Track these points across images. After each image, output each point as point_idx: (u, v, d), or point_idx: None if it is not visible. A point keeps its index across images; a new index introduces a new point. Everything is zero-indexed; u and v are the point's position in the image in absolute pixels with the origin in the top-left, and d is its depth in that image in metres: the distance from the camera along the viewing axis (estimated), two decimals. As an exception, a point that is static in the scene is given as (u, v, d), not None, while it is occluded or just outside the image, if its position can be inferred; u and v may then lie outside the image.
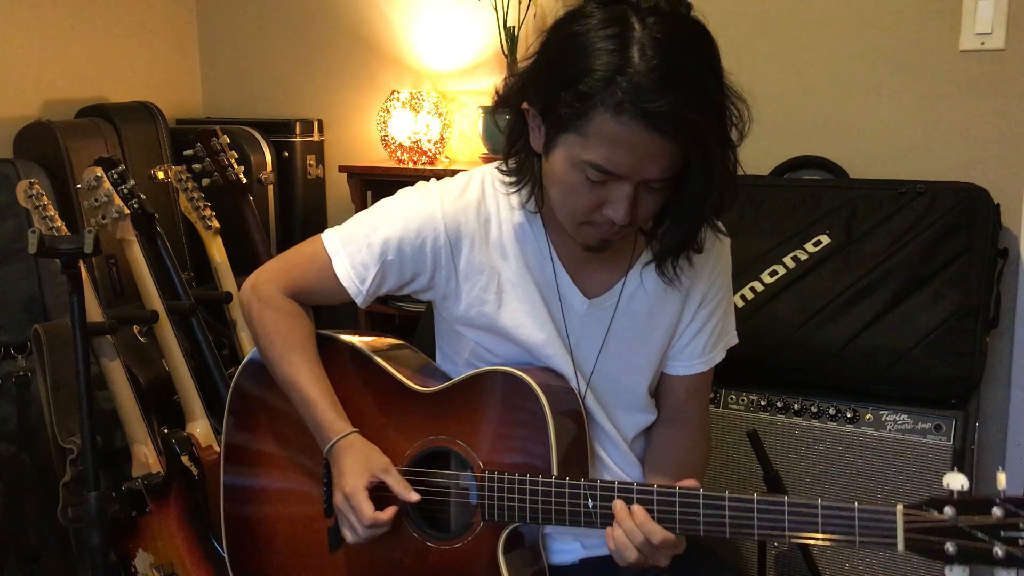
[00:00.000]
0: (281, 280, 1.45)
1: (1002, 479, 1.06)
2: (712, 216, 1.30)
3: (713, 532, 1.19)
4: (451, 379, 1.41)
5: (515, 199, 1.38)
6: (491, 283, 1.38)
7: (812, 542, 1.15)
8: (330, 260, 1.40)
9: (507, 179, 1.34)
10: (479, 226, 1.37)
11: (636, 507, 1.22)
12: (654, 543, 1.20)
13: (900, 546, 1.08)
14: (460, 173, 1.43)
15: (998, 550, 1.03)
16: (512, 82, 1.31)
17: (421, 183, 1.43)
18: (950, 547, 1.05)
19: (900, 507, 1.09)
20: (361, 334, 1.52)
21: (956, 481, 1.06)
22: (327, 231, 1.43)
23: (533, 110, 1.24)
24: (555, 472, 1.30)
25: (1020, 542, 1.02)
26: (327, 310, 1.50)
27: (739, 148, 1.28)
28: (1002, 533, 1.03)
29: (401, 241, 1.37)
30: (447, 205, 1.37)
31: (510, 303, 1.38)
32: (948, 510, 1.06)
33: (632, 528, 1.21)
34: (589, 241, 1.29)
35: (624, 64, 1.12)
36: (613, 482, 1.25)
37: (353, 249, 1.39)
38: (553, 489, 1.28)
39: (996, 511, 1.04)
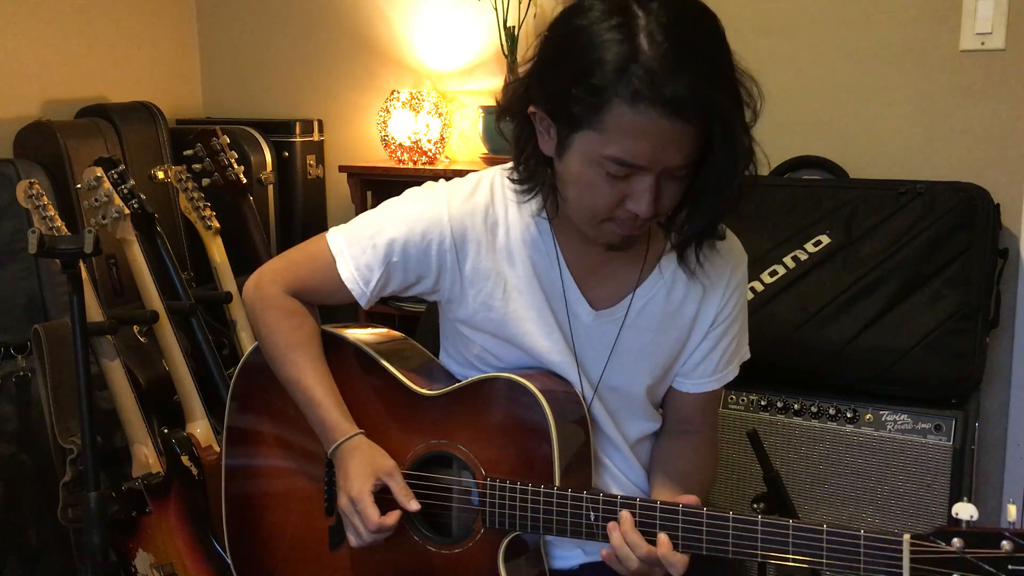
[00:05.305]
0: (284, 279, 1.42)
1: (1012, 511, 1.05)
2: (737, 200, 1.22)
3: (716, 551, 1.17)
4: (455, 380, 1.40)
5: (525, 205, 1.34)
6: (497, 288, 1.35)
7: (815, 567, 1.13)
8: (334, 260, 1.37)
9: (518, 188, 1.30)
10: (486, 231, 1.34)
11: (624, 513, 1.21)
12: (639, 555, 1.19)
13: None
14: (470, 174, 1.40)
15: None
16: (513, 88, 1.27)
17: (429, 183, 1.40)
18: None
19: (907, 537, 1.06)
20: (363, 327, 1.51)
21: (965, 511, 1.04)
22: (332, 230, 1.40)
23: (541, 112, 1.21)
24: (558, 481, 1.27)
25: None
26: (326, 306, 1.49)
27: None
28: (1010, 567, 1.01)
29: (406, 243, 1.34)
30: (454, 208, 1.34)
31: (516, 309, 1.35)
32: (956, 541, 1.03)
33: (620, 542, 1.20)
34: (612, 239, 1.26)
35: (635, 53, 1.09)
36: (616, 496, 1.23)
37: (358, 250, 1.36)
38: (555, 500, 1.26)
39: (1005, 544, 1.01)
